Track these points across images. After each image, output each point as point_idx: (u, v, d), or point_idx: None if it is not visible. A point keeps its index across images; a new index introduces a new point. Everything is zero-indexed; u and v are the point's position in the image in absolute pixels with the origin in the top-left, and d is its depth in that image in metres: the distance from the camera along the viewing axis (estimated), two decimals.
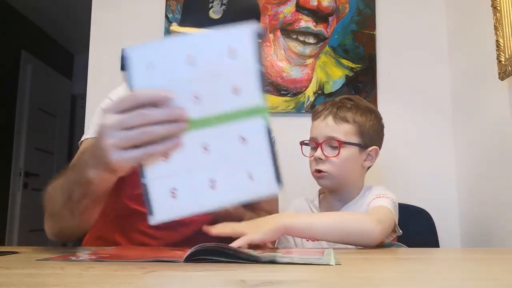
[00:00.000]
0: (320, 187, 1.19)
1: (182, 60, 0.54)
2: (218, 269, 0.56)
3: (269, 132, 0.56)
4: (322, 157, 1.05)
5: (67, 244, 0.90)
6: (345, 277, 0.52)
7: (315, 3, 1.82)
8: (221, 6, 0.91)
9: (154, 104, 0.54)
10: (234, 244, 0.72)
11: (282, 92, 1.79)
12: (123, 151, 0.57)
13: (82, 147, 1.00)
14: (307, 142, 1.12)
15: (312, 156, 1.08)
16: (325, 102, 1.13)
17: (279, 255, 0.68)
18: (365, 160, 1.09)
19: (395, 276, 0.53)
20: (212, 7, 0.92)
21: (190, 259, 0.60)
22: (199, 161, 0.56)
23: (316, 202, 1.15)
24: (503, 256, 0.83)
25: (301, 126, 1.72)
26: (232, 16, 0.90)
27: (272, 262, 0.59)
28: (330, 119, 1.06)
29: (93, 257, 0.67)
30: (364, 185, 1.12)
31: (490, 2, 1.33)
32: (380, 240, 0.90)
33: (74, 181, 0.73)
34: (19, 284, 0.44)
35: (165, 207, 0.58)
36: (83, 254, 0.71)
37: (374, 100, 1.77)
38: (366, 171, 1.14)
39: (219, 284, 0.46)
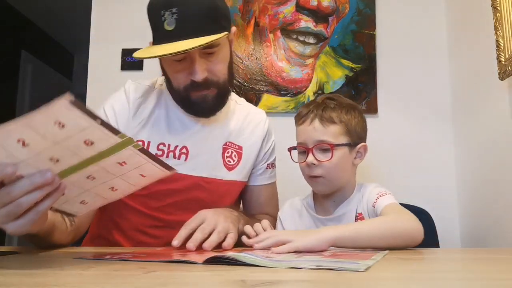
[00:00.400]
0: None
1: (15, 146, 0.57)
2: (218, 269, 0.56)
3: (144, 151, 0.63)
4: (315, 162, 1.03)
5: (67, 244, 0.89)
6: (345, 277, 0.52)
7: (315, 3, 1.82)
8: (172, 16, 0.91)
9: (9, 179, 0.58)
10: (277, 250, 0.74)
11: (282, 92, 1.79)
12: (13, 222, 0.60)
13: None
14: (295, 147, 1.10)
15: (304, 161, 1.06)
16: (307, 105, 1.11)
17: (319, 258, 0.66)
18: (355, 158, 1.09)
19: (395, 276, 0.53)
20: (165, 20, 0.91)
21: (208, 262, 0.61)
22: (90, 184, 0.65)
23: (311, 203, 1.14)
24: (503, 256, 0.83)
25: None
26: (185, 23, 0.91)
27: (295, 267, 0.57)
28: (316, 123, 1.04)
29: (128, 256, 0.68)
30: (355, 183, 1.12)
31: (490, 2, 1.33)
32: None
33: None
34: (19, 284, 0.44)
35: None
36: (118, 254, 0.71)
37: (374, 100, 1.77)
38: (356, 168, 1.14)
39: (219, 284, 0.46)
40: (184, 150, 1.05)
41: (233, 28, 1.04)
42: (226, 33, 0.95)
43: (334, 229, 0.85)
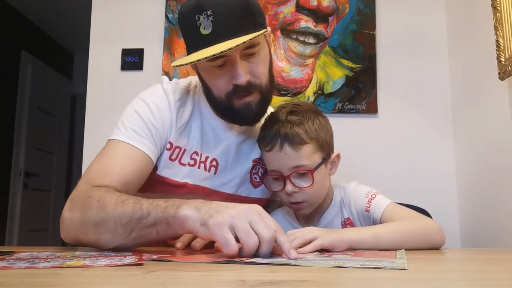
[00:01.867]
0: None
1: None
2: (218, 269, 0.56)
3: None
4: (296, 189, 0.96)
5: (67, 244, 0.89)
6: (344, 277, 0.52)
7: (315, 3, 1.82)
8: (207, 20, 0.87)
9: None
10: (304, 250, 0.74)
11: (282, 92, 1.79)
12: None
13: (109, 147, 0.93)
14: (271, 175, 1.01)
15: (282, 189, 0.98)
16: (269, 125, 0.99)
17: (348, 258, 0.67)
18: (330, 169, 1.04)
19: (394, 276, 0.53)
20: (200, 24, 0.88)
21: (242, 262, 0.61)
22: None
23: (293, 215, 1.10)
24: (503, 256, 0.83)
25: None
26: (222, 25, 0.87)
27: (340, 266, 0.58)
28: (287, 148, 0.95)
29: (154, 257, 0.67)
30: (332, 188, 1.07)
31: (490, 2, 1.33)
32: None
33: (143, 226, 0.73)
34: (19, 284, 0.44)
35: None
36: (146, 254, 0.70)
37: (374, 100, 1.77)
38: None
39: (219, 284, 0.46)
40: (214, 163, 1.01)
41: (268, 28, 0.98)
42: (265, 30, 0.91)
43: (354, 231, 0.86)
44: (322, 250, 0.78)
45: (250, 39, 0.85)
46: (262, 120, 1.05)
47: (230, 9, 0.87)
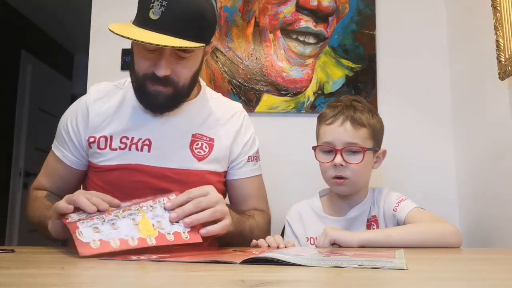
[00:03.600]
0: (320, 190, 1.19)
1: None
2: (218, 269, 0.56)
3: None
4: (343, 163, 1.04)
5: (68, 243, 0.89)
6: (344, 277, 0.52)
7: (315, 3, 1.82)
8: (160, 8, 0.92)
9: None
10: (320, 244, 0.82)
11: (282, 92, 1.79)
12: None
13: (51, 153, 1.16)
14: (323, 146, 1.09)
15: (331, 161, 1.05)
16: (334, 105, 1.10)
17: (347, 258, 0.67)
18: (375, 163, 1.12)
19: (394, 276, 0.53)
20: (152, 7, 0.93)
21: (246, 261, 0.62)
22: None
23: (319, 204, 1.15)
24: (503, 256, 0.83)
25: (301, 126, 1.72)
26: (169, 19, 0.92)
27: (338, 266, 0.58)
28: (348, 124, 1.05)
29: (154, 257, 0.67)
30: (368, 187, 1.14)
31: (490, 2, 1.33)
32: None
33: (39, 220, 0.99)
34: (19, 284, 0.44)
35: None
36: (145, 255, 0.71)
37: (374, 100, 1.77)
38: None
39: (219, 284, 0.46)
40: (147, 142, 1.06)
41: (213, 42, 1.07)
42: (202, 45, 0.96)
43: (366, 231, 0.96)
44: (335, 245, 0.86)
45: (182, 47, 0.91)
46: (207, 100, 1.15)
47: (183, 10, 0.93)
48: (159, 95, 1.00)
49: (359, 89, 1.78)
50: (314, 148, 1.11)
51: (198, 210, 0.79)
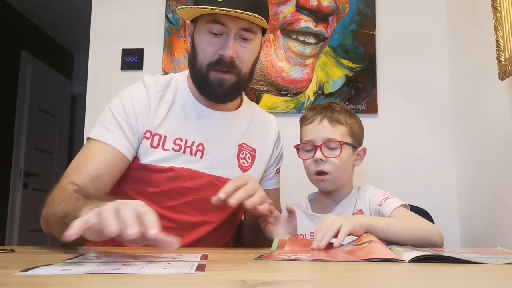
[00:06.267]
0: (309, 193, 1.21)
1: None
2: (218, 269, 0.56)
3: None
4: (323, 158, 1.08)
5: (67, 243, 0.89)
6: (344, 277, 0.52)
7: (315, 3, 1.82)
8: None
9: None
10: (338, 243, 0.82)
11: (282, 92, 1.79)
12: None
13: (85, 145, 1.02)
14: (304, 144, 1.13)
15: (311, 158, 1.10)
16: (312, 108, 1.16)
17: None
18: (355, 160, 1.16)
19: (394, 276, 0.53)
20: None
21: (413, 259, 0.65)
22: None
23: (307, 204, 1.19)
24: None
25: None
26: None
27: (476, 262, 0.63)
28: (326, 122, 1.11)
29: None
30: (353, 184, 1.18)
31: (490, 2, 1.33)
32: None
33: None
34: (19, 284, 0.44)
35: None
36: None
37: (374, 100, 1.77)
38: (353, 170, 1.20)
39: (219, 284, 0.46)
40: (200, 147, 1.05)
41: (266, 35, 1.08)
42: (267, 26, 1.01)
43: (368, 217, 0.99)
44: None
45: (258, 17, 0.92)
46: (247, 109, 1.15)
47: None
48: (224, 82, 1.00)
49: (359, 89, 1.78)
50: (296, 147, 1.15)
51: (247, 197, 0.89)
